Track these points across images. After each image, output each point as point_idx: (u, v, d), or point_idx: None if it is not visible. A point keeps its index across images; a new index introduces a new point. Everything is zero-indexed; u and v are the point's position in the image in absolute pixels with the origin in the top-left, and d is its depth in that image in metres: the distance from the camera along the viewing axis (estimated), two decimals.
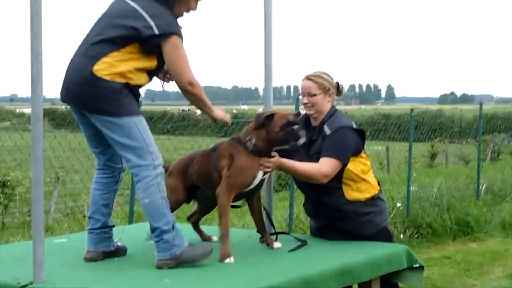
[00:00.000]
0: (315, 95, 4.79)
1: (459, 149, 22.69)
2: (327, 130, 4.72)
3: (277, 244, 4.51)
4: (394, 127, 22.33)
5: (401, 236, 10.05)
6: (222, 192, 4.20)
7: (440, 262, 9.09)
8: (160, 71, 4.18)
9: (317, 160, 4.65)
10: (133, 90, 3.99)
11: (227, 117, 4.41)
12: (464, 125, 27.15)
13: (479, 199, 12.41)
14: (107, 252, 4.23)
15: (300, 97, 4.93)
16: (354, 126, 4.81)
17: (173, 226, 3.99)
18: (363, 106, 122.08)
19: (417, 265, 4.69)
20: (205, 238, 4.79)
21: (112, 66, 3.88)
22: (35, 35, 3.57)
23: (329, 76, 4.88)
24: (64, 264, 4.15)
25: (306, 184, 4.85)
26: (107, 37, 3.93)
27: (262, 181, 4.41)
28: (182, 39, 4.04)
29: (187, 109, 37.94)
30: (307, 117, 4.90)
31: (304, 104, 4.86)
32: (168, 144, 9.13)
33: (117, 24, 3.96)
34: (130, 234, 4.90)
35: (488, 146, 22.09)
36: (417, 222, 10.50)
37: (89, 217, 4.27)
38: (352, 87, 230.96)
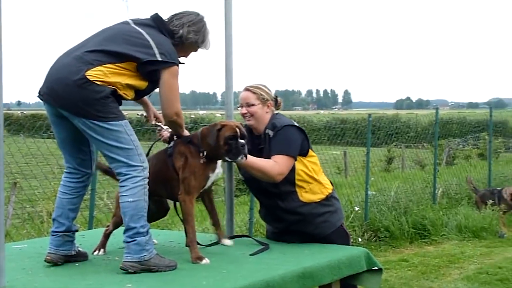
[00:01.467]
0: (253, 105, 4.86)
1: (415, 154, 22.92)
2: (270, 132, 4.79)
3: (228, 242, 4.61)
4: (352, 132, 22.54)
5: (359, 239, 10.16)
6: (184, 198, 4.27)
7: (398, 265, 9.20)
8: (147, 94, 4.28)
9: None
10: (118, 97, 4.03)
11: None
12: (420, 130, 27.41)
13: (435, 202, 12.58)
14: (68, 256, 4.23)
15: (239, 108, 4.94)
16: (296, 124, 4.87)
17: (147, 231, 4.03)
18: (321, 111, 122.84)
19: (376, 267, 4.76)
20: None
21: (105, 76, 3.93)
22: None
23: (268, 89, 4.96)
24: (25, 269, 4.12)
25: (260, 191, 4.89)
26: (107, 49, 4.00)
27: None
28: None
29: (144, 115, 37.63)
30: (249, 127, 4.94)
31: (243, 114, 4.92)
32: None
33: (120, 42, 4.04)
34: (90, 240, 4.88)
35: (443, 150, 22.37)
36: (375, 226, 10.62)
37: (53, 220, 4.25)
38: (309, 92, 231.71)
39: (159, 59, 4.03)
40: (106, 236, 4.59)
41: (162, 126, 4.65)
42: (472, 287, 8.07)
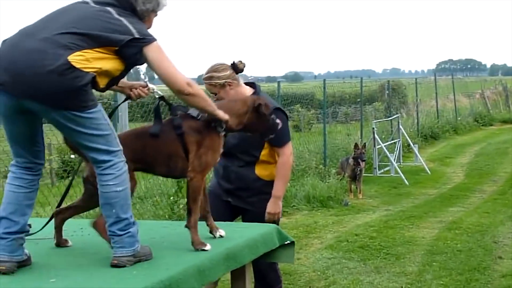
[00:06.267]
0: (215, 93, 4.98)
1: None
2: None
3: (223, 232, 4.24)
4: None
5: None
6: (195, 175, 3.90)
7: None
8: (114, 83, 3.74)
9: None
10: (94, 84, 3.49)
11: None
12: None
13: None
14: (21, 262, 3.56)
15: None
16: (278, 105, 5.13)
17: (134, 220, 3.69)
18: None
19: (288, 241, 4.69)
20: (61, 242, 4.07)
21: (87, 61, 3.39)
22: None
23: (221, 69, 4.96)
24: None
25: (230, 154, 5.12)
26: (81, 32, 3.43)
27: None
28: None
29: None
30: None
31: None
32: None
33: (92, 24, 3.49)
34: None
35: None
36: None
37: (4, 218, 3.54)
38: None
39: (137, 36, 3.57)
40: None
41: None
42: (338, 256, 8.17)
